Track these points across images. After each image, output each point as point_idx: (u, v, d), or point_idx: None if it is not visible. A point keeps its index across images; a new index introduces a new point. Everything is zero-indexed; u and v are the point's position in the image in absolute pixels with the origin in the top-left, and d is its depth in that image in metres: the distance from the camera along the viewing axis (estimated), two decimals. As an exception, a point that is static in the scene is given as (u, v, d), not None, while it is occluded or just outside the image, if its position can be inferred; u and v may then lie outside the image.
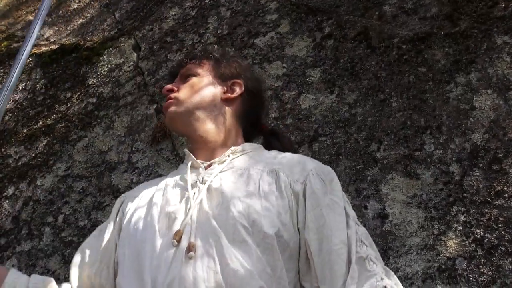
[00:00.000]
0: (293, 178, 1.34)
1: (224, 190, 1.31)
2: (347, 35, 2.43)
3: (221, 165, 1.40)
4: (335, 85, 2.31)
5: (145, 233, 1.31)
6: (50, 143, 2.76)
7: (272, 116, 2.33)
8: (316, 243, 1.26)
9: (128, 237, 1.35)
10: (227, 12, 2.83)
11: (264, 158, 1.44)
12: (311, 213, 1.28)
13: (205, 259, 1.20)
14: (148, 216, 1.34)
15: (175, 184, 1.41)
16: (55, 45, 3.33)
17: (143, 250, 1.27)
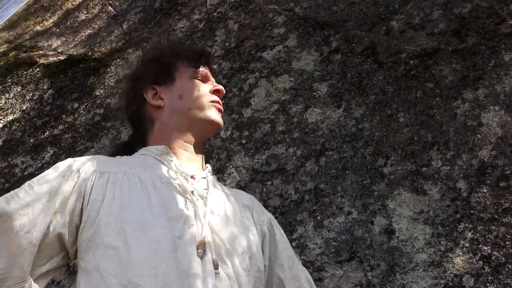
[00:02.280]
0: (259, 218, 1.46)
1: (221, 212, 1.33)
2: (355, 49, 2.44)
3: (203, 181, 1.39)
4: (342, 99, 2.31)
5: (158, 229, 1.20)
6: (57, 154, 2.76)
7: (279, 129, 2.33)
8: (290, 280, 1.41)
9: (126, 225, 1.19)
10: (234, 25, 2.85)
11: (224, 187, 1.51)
12: (283, 254, 1.44)
13: (227, 280, 1.20)
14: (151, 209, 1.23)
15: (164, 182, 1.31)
16: (62, 56, 3.34)
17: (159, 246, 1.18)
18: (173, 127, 1.46)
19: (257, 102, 2.47)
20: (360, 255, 1.91)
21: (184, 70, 1.53)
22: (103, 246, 1.18)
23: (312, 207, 2.08)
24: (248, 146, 2.36)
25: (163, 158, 1.39)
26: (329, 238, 1.99)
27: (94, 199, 1.23)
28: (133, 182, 1.28)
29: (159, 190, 1.28)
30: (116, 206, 1.22)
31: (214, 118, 1.47)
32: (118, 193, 1.25)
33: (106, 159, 1.39)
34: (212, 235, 1.25)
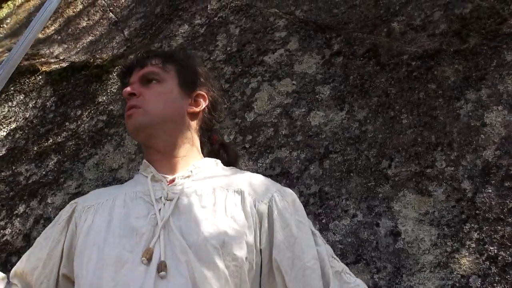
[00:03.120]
0: (257, 197, 1.35)
1: (192, 209, 1.29)
2: (356, 52, 2.44)
3: (184, 181, 1.38)
4: (345, 102, 2.32)
5: (108, 248, 1.24)
6: (61, 161, 2.77)
7: (282, 133, 2.34)
8: (288, 261, 1.28)
9: (87, 251, 1.27)
10: (236, 30, 2.85)
11: (225, 176, 1.44)
12: (280, 233, 1.31)
13: (177, 278, 1.18)
14: (109, 229, 1.28)
15: (135, 197, 1.35)
16: (64, 63, 3.35)
17: (106, 266, 1.21)
18: None
19: (259, 106, 2.47)
20: (366, 257, 1.91)
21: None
22: (75, 278, 1.29)
23: (317, 210, 2.08)
24: (252, 150, 2.36)
25: (146, 172, 1.43)
26: (334, 241, 1.99)
27: (78, 234, 1.35)
28: (103, 210, 1.35)
29: (126, 208, 1.33)
30: (84, 237, 1.31)
31: (129, 129, 1.46)
32: (88, 224, 1.33)
33: (99, 191, 1.50)
34: (170, 237, 1.24)
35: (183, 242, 1.22)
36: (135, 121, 1.41)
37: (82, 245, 1.30)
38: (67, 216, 1.40)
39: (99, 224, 1.31)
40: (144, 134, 1.43)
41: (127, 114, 1.43)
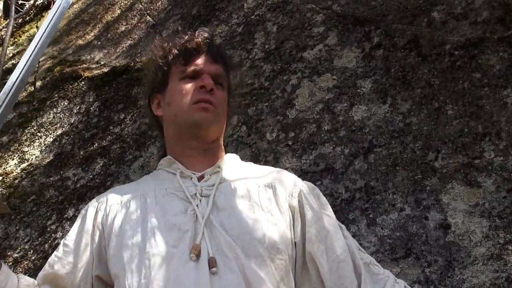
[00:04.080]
0: (287, 192, 1.37)
1: (230, 205, 1.30)
2: (397, 44, 2.42)
3: (215, 177, 1.37)
4: (387, 95, 2.29)
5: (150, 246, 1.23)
6: (107, 164, 2.82)
7: (325, 129, 2.33)
8: (322, 254, 1.30)
9: (126, 252, 1.25)
10: (273, 27, 2.85)
11: (251, 171, 1.45)
12: (312, 226, 1.33)
13: (229, 274, 1.18)
14: (146, 227, 1.26)
15: (166, 193, 1.33)
16: (106, 68, 3.41)
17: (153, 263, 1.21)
18: (172, 136, 1.45)
19: (301, 103, 2.47)
20: (416, 251, 1.89)
21: (175, 72, 1.44)
22: (112, 276, 1.28)
23: (364, 205, 2.07)
24: (295, 147, 2.36)
25: (171, 168, 1.41)
26: (383, 236, 1.98)
27: (107, 234, 1.32)
28: (135, 207, 1.33)
29: (160, 205, 1.31)
30: (118, 235, 1.29)
31: (196, 121, 1.38)
32: (122, 222, 1.31)
33: (123, 189, 1.44)
34: (213, 233, 1.24)
35: (229, 238, 1.23)
36: (208, 118, 1.38)
37: (118, 246, 1.27)
38: (92, 217, 1.36)
39: (133, 223, 1.29)
40: (206, 133, 1.41)
41: (202, 106, 1.37)
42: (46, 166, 3.07)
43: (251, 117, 2.55)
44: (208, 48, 1.44)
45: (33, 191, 2.99)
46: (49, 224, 2.77)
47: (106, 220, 1.34)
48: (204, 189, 1.33)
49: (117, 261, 1.26)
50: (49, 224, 2.77)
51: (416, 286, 1.84)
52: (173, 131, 1.44)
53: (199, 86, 1.39)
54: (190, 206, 1.29)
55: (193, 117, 1.37)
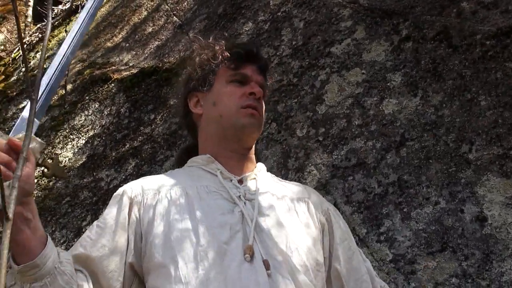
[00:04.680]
0: (318, 209, 1.42)
1: (273, 212, 1.33)
2: (426, 35, 2.39)
3: (252, 183, 1.40)
4: (418, 87, 2.27)
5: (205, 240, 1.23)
6: (139, 165, 2.85)
7: (355, 123, 2.32)
8: (348, 272, 1.37)
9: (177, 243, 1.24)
10: (300, 23, 2.85)
11: (281, 182, 1.50)
12: (341, 245, 1.39)
13: (280, 279, 1.20)
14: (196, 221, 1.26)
15: (209, 191, 1.34)
16: (134, 69, 3.45)
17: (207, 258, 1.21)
18: (212, 135, 1.46)
19: (330, 98, 2.46)
20: (453, 244, 1.87)
21: (223, 73, 1.47)
22: (156, 266, 1.24)
23: (398, 199, 2.06)
24: (326, 143, 2.35)
25: (209, 167, 1.41)
26: (418, 230, 1.96)
27: (147, 223, 1.29)
28: (179, 199, 1.31)
29: (204, 201, 1.31)
30: (162, 225, 1.27)
31: (243, 125, 1.41)
32: (165, 212, 1.29)
33: (155, 179, 1.41)
34: (261, 236, 1.26)
35: (277, 243, 1.26)
36: (255, 124, 1.43)
37: (166, 237, 1.25)
38: (128, 204, 1.32)
39: (180, 216, 1.28)
40: (249, 138, 1.45)
41: (251, 112, 1.41)
42: (79, 168, 3.12)
43: (281, 114, 2.55)
44: (257, 58, 1.51)
45: (67, 192, 3.04)
46: (84, 225, 2.81)
47: (143, 208, 1.31)
48: (248, 193, 1.35)
49: (165, 251, 1.23)
50: (84, 225, 2.82)
51: (454, 280, 1.82)
52: (216, 131, 1.44)
53: (248, 92, 1.43)
54: (236, 207, 1.30)
55: (240, 121, 1.41)
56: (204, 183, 1.36)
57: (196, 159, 1.46)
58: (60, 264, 1.16)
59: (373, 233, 2.04)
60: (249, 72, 1.47)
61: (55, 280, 1.13)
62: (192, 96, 1.51)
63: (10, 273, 1.10)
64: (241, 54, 1.48)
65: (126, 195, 1.33)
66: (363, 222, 2.08)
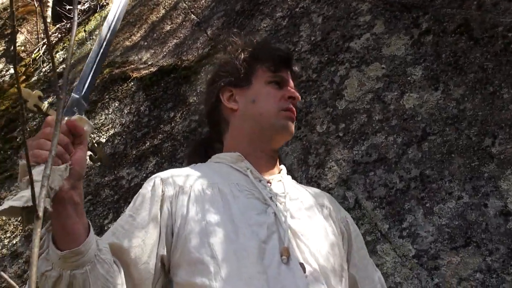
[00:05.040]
0: (337, 216, 1.44)
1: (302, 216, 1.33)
2: (447, 28, 2.36)
3: (279, 185, 1.40)
4: (439, 81, 2.25)
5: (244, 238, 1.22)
6: (159, 163, 2.87)
7: (376, 118, 2.30)
8: (364, 280, 1.40)
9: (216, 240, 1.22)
10: (318, 18, 2.83)
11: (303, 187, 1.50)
12: (357, 253, 1.42)
13: (315, 283, 1.20)
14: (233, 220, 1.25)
15: (241, 189, 1.33)
16: (153, 68, 3.46)
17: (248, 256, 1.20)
18: (245, 133, 1.45)
19: (350, 93, 2.45)
20: (477, 239, 1.86)
21: (261, 74, 1.48)
22: (192, 262, 1.21)
23: (420, 194, 2.04)
24: (346, 138, 2.34)
25: (238, 165, 1.40)
26: (441, 225, 1.95)
27: (179, 216, 1.27)
28: (213, 194, 1.30)
29: (238, 199, 1.29)
30: (199, 221, 1.25)
31: (283, 127, 1.42)
32: (200, 208, 1.27)
33: (185, 172, 1.39)
34: (294, 239, 1.26)
35: (309, 247, 1.26)
36: (291, 127, 1.45)
37: (202, 233, 1.23)
38: (160, 195, 1.30)
39: (216, 212, 1.27)
40: (283, 140, 1.50)
41: (291, 116, 1.44)
42: (100, 167, 3.15)
43: (301, 110, 2.54)
44: (291, 64, 1.53)
45: (89, 191, 3.06)
46: (106, 223, 2.83)
47: (176, 201, 1.29)
48: (278, 195, 1.35)
49: (203, 247, 1.21)
50: (106, 223, 2.84)
51: (478, 275, 1.80)
52: (251, 129, 1.44)
53: (287, 96, 1.45)
54: (269, 208, 1.30)
55: (280, 122, 1.42)
56: (234, 181, 1.35)
57: (224, 156, 1.45)
58: (99, 252, 1.12)
59: (395, 228, 2.03)
60: (286, 77, 1.49)
61: (95, 268, 1.09)
62: (226, 90, 1.50)
63: (43, 258, 1.06)
64: (282, 58, 1.50)
65: (159, 187, 1.31)
66: (385, 217, 2.07)
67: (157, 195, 1.29)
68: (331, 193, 2.23)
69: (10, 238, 3.24)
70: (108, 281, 1.12)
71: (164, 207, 1.28)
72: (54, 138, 0.59)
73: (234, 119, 1.47)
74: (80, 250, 1.06)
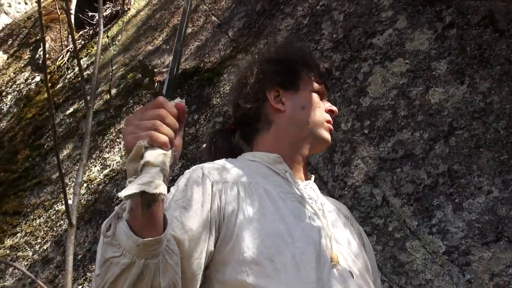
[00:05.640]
0: (355, 227, 1.47)
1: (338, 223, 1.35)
2: (471, 21, 2.33)
3: (311, 191, 1.40)
4: (464, 75, 2.22)
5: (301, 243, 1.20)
6: (185, 165, 2.88)
7: (401, 114, 2.28)
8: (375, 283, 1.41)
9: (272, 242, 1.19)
10: (340, 16, 2.82)
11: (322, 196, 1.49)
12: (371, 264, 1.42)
13: None
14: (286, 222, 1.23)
15: (284, 191, 1.31)
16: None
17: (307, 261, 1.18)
18: (289, 136, 1.44)
19: (374, 90, 2.43)
20: (508, 234, 1.83)
21: (308, 81, 1.49)
22: (245, 261, 1.18)
23: (448, 190, 2.02)
24: (372, 136, 2.33)
25: (276, 167, 1.38)
26: (471, 220, 1.92)
27: (229, 213, 1.23)
28: (260, 194, 1.27)
29: (286, 202, 1.28)
30: (251, 220, 1.22)
31: (326, 137, 1.46)
32: (250, 206, 1.24)
33: (228, 166, 1.34)
34: (339, 246, 1.26)
35: (350, 254, 1.27)
36: (330, 140, 1.49)
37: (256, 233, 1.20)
38: (209, 188, 1.25)
39: (269, 214, 1.24)
40: (318, 150, 1.56)
41: (330, 128, 1.49)
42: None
43: (324, 108, 2.53)
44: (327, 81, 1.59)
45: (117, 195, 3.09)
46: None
47: (224, 196, 1.25)
48: (317, 202, 1.35)
49: (258, 248, 1.18)
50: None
51: (511, 270, 1.77)
52: (295, 133, 1.43)
53: (328, 109, 1.50)
54: (313, 213, 1.29)
55: (324, 133, 1.46)
56: (276, 182, 1.34)
57: (261, 155, 1.42)
58: (168, 242, 1.07)
59: (424, 225, 2.01)
60: (324, 90, 1.54)
61: (165, 259, 1.05)
62: (273, 89, 1.48)
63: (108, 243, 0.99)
64: (327, 70, 1.56)
65: (208, 179, 1.26)
66: (414, 214, 2.05)
67: (207, 187, 1.24)
68: (358, 191, 2.22)
69: (41, 244, 3.28)
70: (176, 273, 1.08)
71: (215, 201, 1.24)
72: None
73: (279, 120, 1.46)
74: (161, 239, 1.01)
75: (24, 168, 3.91)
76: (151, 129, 0.94)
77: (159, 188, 0.87)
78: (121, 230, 0.99)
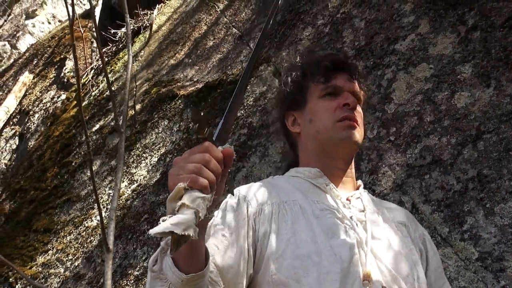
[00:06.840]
0: (415, 234, 1.42)
1: (382, 236, 1.31)
2: (494, 23, 2.30)
3: (359, 202, 1.38)
4: (490, 78, 2.19)
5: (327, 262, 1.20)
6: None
7: (427, 120, 2.26)
8: None
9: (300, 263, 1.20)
10: (361, 23, 2.81)
11: (380, 203, 1.48)
12: (434, 273, 1.39)
13: None
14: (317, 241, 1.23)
15: (321, 208, 1.31)
16: (199, 84, 3.51)
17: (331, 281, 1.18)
18: (312, 152, 1.45)
19: (399, 96, 2.42)
20: (543, 239, 1.79)
21: (314, 89, 1.48)
22: (275, 282, 1.20)
23: (479, 195, 1.99)
24: (398, 142, 2.31)
25: (317, 181, 1.39)
26: (503, 225, 1.89)
27: (262, 234, 1.26)
28: (295, 213, 1.28)
29: (320, 220, 1.27)
30: (282, 240, 1.23)
31: (342, 138, 1.40)
32: (283, 227, 1.26)
33: (264, 187, 1.38)
34: (376, 262, 1.24)
35: (391, 271, 1.24)
36: (355, 136, 1.41)
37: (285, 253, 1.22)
38: (245, 213, 1.29)
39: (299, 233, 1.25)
40: (349, 150, 1.45)
41: (350, 124, 1.41)
42: (154, 185, 3.20)
43: (349, 117, 2.52)
44: (346, 66, 1.50)
45: (145, 210, 3.12)
46: (164, 241, 2.87)
47: (259, 218, 1.28)
48: (357, 214, 1.34)
49: (286, 269, 1.20)
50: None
51: (547, 275, 1.74)
52: (314, 148, 1.44)
53: (342, 104, 1.42)
54: (350, 229, 1.28)
55: (338, 135, 1.40)
56: (315, 198, 1.34)
57: (302, 171, 1.44)
58: (210, 273, 1.13)
59: (455, 231, 1.98)
60: (340, 83, 1.46)
61: None
62: (289, 115, 1.53)
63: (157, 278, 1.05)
64: (329, 66, 1.47)
65: (243, 204, 1.30)
66: (445, 221, 2.02)
67: (243, 212, 1.28)
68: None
69: (72, 261, 3.32)
70: None
71: (250, 225, 1.27)
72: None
73: (300, 142, 1.50)
74: (204, 273, 1.06)
75: (53, 185, 3.97)
76: (193, 172, 0.95)
77: (189, 230, 0.89)
78: (166, 265, 1.04)
